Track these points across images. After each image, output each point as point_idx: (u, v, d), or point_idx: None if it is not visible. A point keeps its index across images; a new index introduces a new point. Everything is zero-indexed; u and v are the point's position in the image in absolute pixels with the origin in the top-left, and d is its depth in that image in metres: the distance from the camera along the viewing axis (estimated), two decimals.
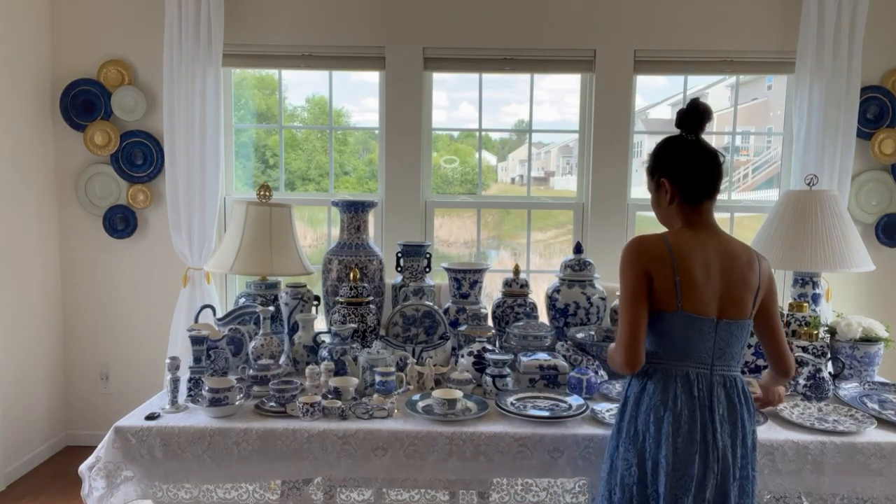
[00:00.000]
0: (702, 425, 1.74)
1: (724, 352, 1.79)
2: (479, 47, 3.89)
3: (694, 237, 1.82)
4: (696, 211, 1.85)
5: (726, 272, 1.79)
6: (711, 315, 1.77)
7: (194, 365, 2.26)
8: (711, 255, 1.79)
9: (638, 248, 1.81)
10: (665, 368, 1.79)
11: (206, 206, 3.82)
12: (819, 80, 3.70)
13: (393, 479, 2.05)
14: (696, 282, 1.76)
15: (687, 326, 1.76)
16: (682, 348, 1.78)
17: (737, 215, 4.07)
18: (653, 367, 1.82)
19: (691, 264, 1.77)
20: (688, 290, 1.75)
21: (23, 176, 3.74)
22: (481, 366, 2.41)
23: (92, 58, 3.90)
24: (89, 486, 2.00)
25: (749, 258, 1.83)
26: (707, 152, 1.84)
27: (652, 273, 1.77)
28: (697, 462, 1.72)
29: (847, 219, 2.84)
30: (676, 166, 1.84)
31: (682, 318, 1.76)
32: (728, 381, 1.80)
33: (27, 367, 3.80)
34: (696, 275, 1.76)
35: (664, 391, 1.77)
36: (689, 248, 1.79)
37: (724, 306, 1.78)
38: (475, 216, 4.14)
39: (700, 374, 1.77)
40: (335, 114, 4.21)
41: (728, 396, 1.78)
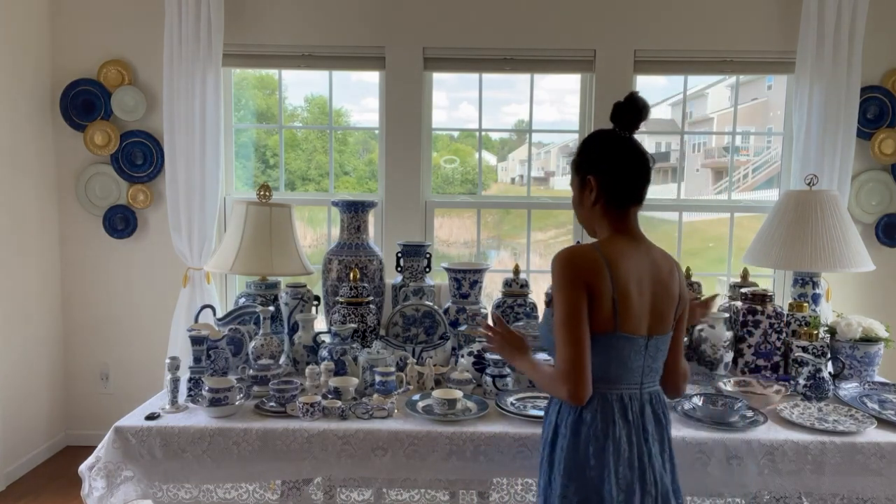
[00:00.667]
0: (638, 449, 1.65)
1: (652, 368, 1.71)
2: (479, 47, 3.89)
3: (625, 248, 1.67)
4: (623, 216, 1.70)
5: (654, 286, 1.67)
6: (644, 334, 1.66)
7: (194, 365, 2.27)
8: (642, 267, 1.66)
9: (576, 264, 1.62)
10: (601, 393, 1.64)
11: (206, 206, 3.82)
12: (819, 80, 3.69)
13: (393, 479, 2.05)
14: (632, 299, 1.62)
15: (622, 348, 1.63)
16: (616, 371, 1.65)
17: (737, 215, 4.07)
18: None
19: (627, 280, 1.62)
20: (624, 308, 1.61)
21: (23, 176, 3.73)
22: (481, 366, 2.41)
23: (92, 58, 3.90)
24: (89, 486, 2.00)
25: (670, 268, 1.72)
26: (640, 153, 1.70)
27: (591, 291, 1.60)
28: (638, 489, 1.63)
29: (847, 219, 2.84)
30: (606, 164, 1.69)
31: (619, 340, 1.62)
32: (654, 397, 1.72)
33: (27, 367, 3.80)
34: (631, 291, 1.62)
35: (604, 419, 1.63)
36: (623, 262, 1.63)
37: (653, 322, 1.67)
38: (475, 216, 4.14)
39: (632, 396, 1.67)
40: (335, 114, 4.21)
41: (655, 413, 1.71)
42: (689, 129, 4.48)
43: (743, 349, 2.58)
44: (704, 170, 5.69)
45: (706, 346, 2.56)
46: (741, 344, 2.58)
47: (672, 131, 4.61)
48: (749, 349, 2.57)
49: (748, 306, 2.57)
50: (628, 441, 1.64)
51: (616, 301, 1.60)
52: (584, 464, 1.62)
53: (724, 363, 2.55)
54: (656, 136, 5.33)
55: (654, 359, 1.71)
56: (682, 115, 4.13)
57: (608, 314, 1.60)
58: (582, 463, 1.63)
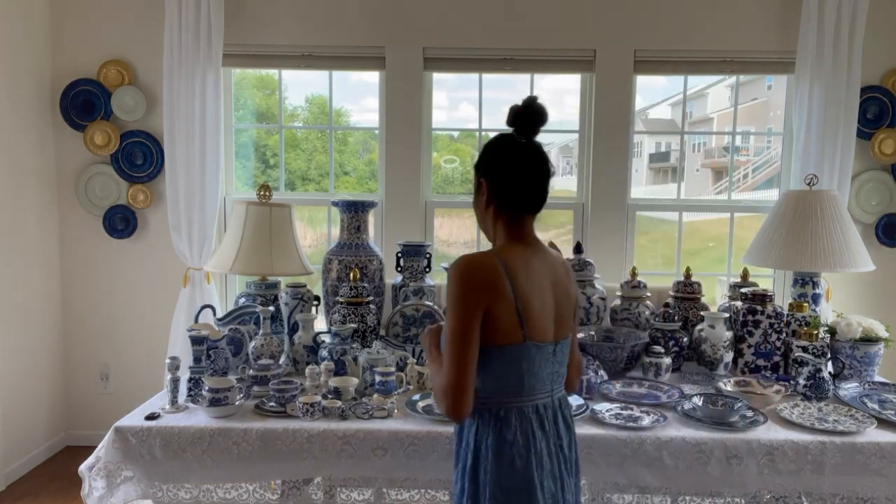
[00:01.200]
0: (557, 458, 1.63)
1: (559, 373, 1.68)
2: (479, 47, 3.89)
3: (523, 254, 1.62)
4: (518, 222, 1.66)
5: (555, 290, 1.65)
6: (551, 340, 1.63)
7: (194, 365, 2.27)
8: (542, 273, 1.63)
9: (475, 275, 1.55)
10: (518, 408, 1.60)
11: (206, 206, 3.82)
12: (819, 80, 3.69)
13: (393, 479, 2.05)
14: (535, 306, 1.58)
15: (533, 356, 1.59)
16: (530, 382, 1.60)
17: (737, 215, 4.07)
18: (504, 407, 1.60)
19: (528, 288, 1.58)
20: (530, 317, 1.57)
21: (23, 176, 3.73)
22: None
23: (92, 58, 3.90)
24: (89, 486, 2.00)
25: (566, 270, 1.72)
26: (536, 160, 1.63)
27: (491, 304, 1.53)
28: (560, 499, 1.62)
29: (847, 219, 2.84)
30: (499, 170, 1.63)
31: (530, 350, 1.58)
32: (562, 401, 1.71)
33: (27, 367, 3.80)
34: (533, 299, 1.58)
35: (524, 435, 1.58)
36: (524, 268, 1.59)
37: (557, 327, 1.65)
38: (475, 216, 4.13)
39: (546, 405, 1.64)
40: (335, 114, 4.21)
41: (564, 418, 1.69)
42: (689, 129, 4.48)
43: (743, 349, 2.58)
44: (704, 170, 5.69)
45: (706, 346, 2.56)
46: (741, 344, 2.58)
47: (672, 131, 4.61)
48: (749, 349, 2.57)
49: (748, 306, 2.57)
50: (548, 452, 1.61)
51: (520, 310, 1.55)
52: (511, 484, 1.56)
53: (724, 363, 2.56)
54: (656, 136, 5.34)
55: (561, 364, 1.69)
56: (682, 115, 4.13)
57: (514, 324, 1.55)
58: (509, 484, 1.56)
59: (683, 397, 2.28)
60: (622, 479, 2.03)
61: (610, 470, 2.02)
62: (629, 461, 2.01)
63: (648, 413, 2.16)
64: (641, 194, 4.51)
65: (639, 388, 2.40)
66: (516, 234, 1.65)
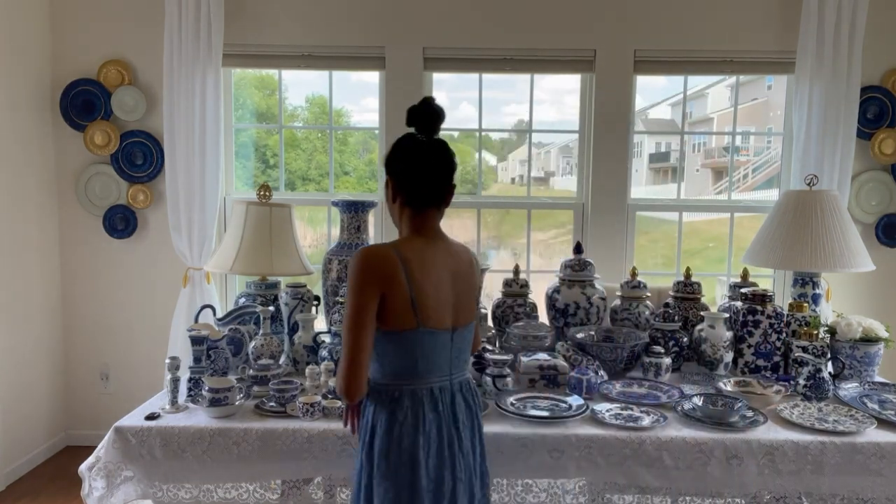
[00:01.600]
0: (448, 439, 1.71)
1: (459, 358, 1.78)
2: (479, 47, 3.89)
3: (424, 247, 1.73)
4: (421, 217, 1.76)
5: (456, 281, 1.75)
6: (448, 326, 1.73)
7: (194, 365, 2.27)
8: (441, 264, 1.73)
9: (371, 267, 1.65)
10: (412, 390, 1.70)
11: (206, 206, 3.82)
12: (819, 80, 3.69)
13: None
14: (431, 295, 1.68)
15: (427, 343, 1.69)
16: (425, 366, 1.70)
17: (737, 215, 4.07)
18: (398, 390, 1.71)
19: (424, 277, 1.68)
20: (424, 305, 1.67)
21: (23, 176, 3.73)
22: (481, 366, 2.41)
23: (92, 58, 3.90)
24: (89, 486, 2.00)
25: (469, 259, 1.82)
26: (432, 157, 1.73)
27: (386, 293, 1.65)
28: (448, 476, 1.69)
29: (847, 219, 2.84)
30: (400, 167, 1.75)
31: (423, 336, 1.68)
32: (464, 385, 1.81)
33: (27, 366, 3.80)
34: (429, 288, 1.68)
35: (414, 415, 1.68)
36: (420, 260, 1.69)
37: (457, 315, 1.75)
38: (475, 216, 4.14)
39: (443, 388, 1.73)
40: (335, 114, 4.21)
41: (465, 400, 1.79)
42: (689, 129, 4.48)
43: (743, 349, 2.58)
44: (704, 170, 5.70)
45: (706, 346, 2.56)
46: (741, 344, 2.58)
47: (672, 131, 4.61)
48: (749, 349, 2.57)
49: (748, 306, 2.57)
50: (438, 433, 1.70)
51: (414, 299, 1.65)
52: (397, 461, 1.67)
53: (724, 363, 2.56)
54: (656, 136, 5.34)
55: (462, 349, 1.79)
56: (682, 115, 4.13)
57: (408, 312, 1.65)
58: (395, 460, 1.67)
59: (683, 397, 2.28)
60: (622, 480, 2.03)
61: (610, 470, 2.02)
62: (629, 461, 2.01)
63: (648, 413, 2.16)
64: (641, 194, 4.51)
65: (639, 388, 2.40)
66: (419, 227, 1.76)
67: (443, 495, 1.68)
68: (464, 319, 1.76)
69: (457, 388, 1.77)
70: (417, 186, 1.74)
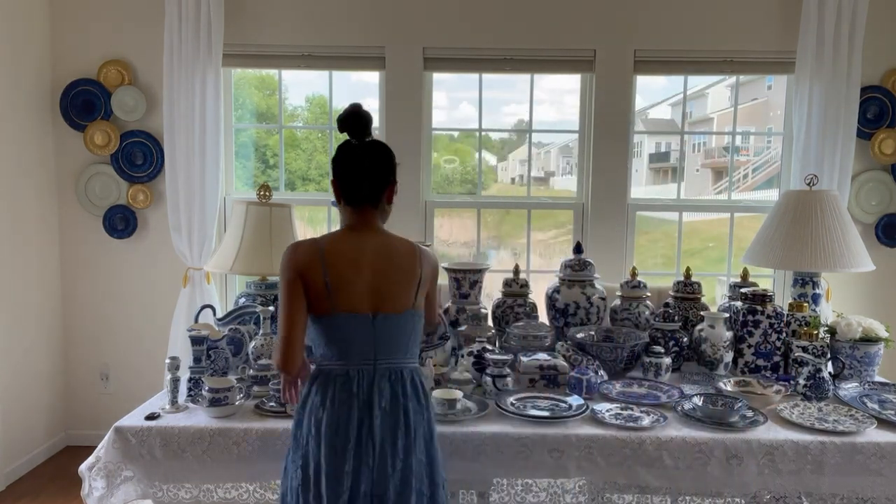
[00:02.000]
0: (359, 421, 1.78)
1: (388, 345, 1.83)
2: (479, 47, 3.89)
3: (350, 239, 1.87)
4: (357, 213, 1.89)
5: (382, 268, 1.84)
6: (366, 311, 1.81)
7: (194, 365, 2.27)
8: (367, 254, 1.84)
9: (290, 255, 1.84)
10: (327, 370, 1.83)
11: (206, 206, 3.82)
12: (819, 80, 3.69)
13: None
14: (347, 281, 1.80)
15: (342, 325, 1.80)
16: (342, 348, 1.81)
17: (737, 215, 4.07)
18: (318, 370, 1.86)
19: (342, 265, 1.81)
20: (338, 290, 1.79)
21: (23, 176, 3.73)
22: (481, 366, 2.41)
23: (92, 58, 3.90)
24: (89, 486, 2.00)
25: (409, 252, 1.89)
26: (362, 159, 1.86)
27: (304, 278, 1.80)
28: (352, 458, 1.76)
29: (847, 219, 2.84)
30: (336, 170, 1.89)
31: (338, 319, 1.80)
32: (395, 373, 1.83)
33: (27, 367, 3.80)
34: (346, 275, 1.80)
35: (323, 394, 1.80)
36: (341, 250, 1.83)
37: (381, 301, 1.82)
38: (475, 216, 4.14)
39: (362, 371, 1.81)
40: (335, 114, 4.20)
41: (392, 388, 1.82)
42: (689, 129, 4.48)
43: (743, 349, 2.58)
44: (704, 170, 5.69)
45: (706, 346, 2.56)
46: (741, 344, 2.58)
47: (672, 131, 4.61)
48: (749, 349, 2.57)
49: (748, 306, 2.57)
50: (347, 415, 1.77)
51: (329, 285, 1.79)
52: (305, 434, 1.80)
53: (724, 363, 2.56)
54: (656, 136, 5.34)
55: (393, 337, 1.83)
56: (682, 115, 4.13)
57: (324, 297, 1.79)
58: (304, 434, 1.80)
59: (683, 397, 2.28)
60: (622, 479, 2.03)
61: (610, 470, 2.02)
62: (629, 461, 2.01)
63: (648, 413, 2.16)
64: (641, 194, 4.51)
65: (639, 388, 2.40)
66: (354, 222, 1.90)
67: (344, 474, 1.75)
68: (390, 307, 1.83)
69: (383, 374, 1.82)
70: (349, 186, 1.87)
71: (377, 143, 1.91)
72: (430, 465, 1.84)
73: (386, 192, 1.91)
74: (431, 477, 1.84)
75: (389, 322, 1.83)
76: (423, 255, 1.92)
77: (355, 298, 1.81)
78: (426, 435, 1.85)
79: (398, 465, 1.78)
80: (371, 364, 1.82)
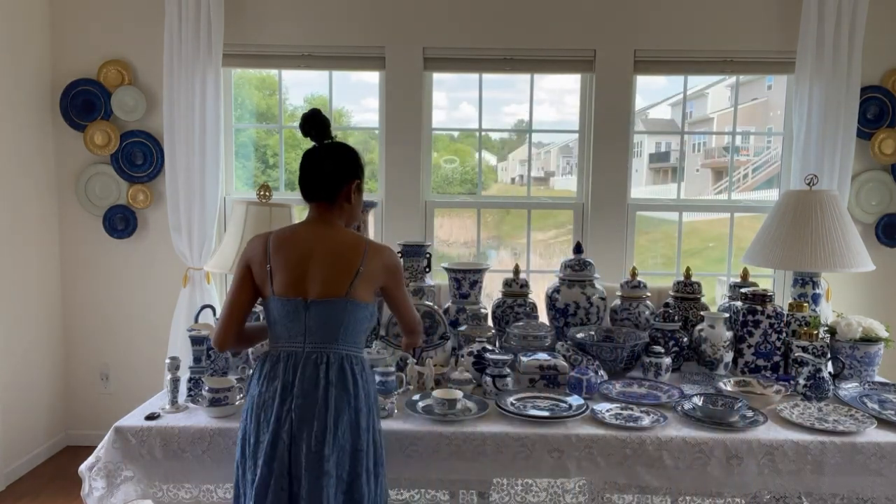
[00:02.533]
0: (280, 399, 1.85)
1: (319, 331, 1.88)
2: (479, 47, 3.89)
3: (300, 230, 1.97)
4: (315, 209, 1.99)
5: (321, 257, 1.90)
6: (300, 296, 1.89)
7: (194, 365, 2.27)
8: (310, 244, 1.92)
9: (247, 248, 1.99)
10: (268, 351, 1.96)
11: (206, 206, 3.82)
12: (819, 80, 3.69)
13: (393, 479, 2.05)
14: (286, 267, 1.91)
15: (280, 309, 1.90)
16: (280, 330, 1.92)
17: (737, 215, 4.07)
18: (265, 350, 2.00)
19: (284, 253, 1.92)
20: (277, 276, 1.91)
21: (23, 176, 3.73)
22: (481, 366, 2.41)
23: (92, 58, 3.90)
24: (89, 486, 2.01)
25: (353, 245, 1.93)
26: (309, 160, 1.96)
27: (252, 266, 1.95)
28: (270, 431, 1.83)
29: (847, 219, 2.83)
30: (300, 170, 2.00)
31: (277, 302, 1.90)
32: (321, 358, 1.88)
33: (27, 367, 3.80)
34: (286, 262, 1.91)
35: (260, 371, 1.92)
36: (287, 239, 1.94)
37: (313, 288, 1.89)
38: (475, 216, 4.14)
39: (291, 354, 1.89)
40: (335, 114, 4.21)
41: (316, 373, 1.86)
42: (689, 129, 4.48)
43: (743, 349, 2.58)
44: (704, 170, 5.69)
45: (706, 346, 2.56)
46: (741, 344, 2.58)
47: (672, 131, 4.61)
48: (749, 349, 2.57)
49: (748, 306, 2.57)
50: (273, 392, 1.87)
51: (271, 270, 1.92)
52: (245, 410, 1.93)
53: (724, 363, 2.56)
54: (656, 136, 5.34)
55: (322, 322, 1.88)
56: (682, 115, 4.13)
57: (266, 282, 1.92)
58: (246, 408, 1.92)
59: (683, 397, 2.28)
60: (622, 479, 2.03)
61: (610, 470, 2.02)
62: (629, 461, 2.02)
63: (648, 413, 2.16)
64: (641, 194, 4.51)
65: (639, 388, 2.40)
66: (309, 217, 2.00)
67: (260, 445, 1.85)
68: (322, 294, 1.88)
69: (312, 358, 1.87)
70: (302, 184, 1.98)
71: (335, 145, 2.00)
72: (353, 455, 1.85)
73: (343, 191, 1.97)
74: (353, 466, 1.85)
75: (319, 308, 1.88)
76: (372, 251, 1.94)
77: (291, 284, 1.89)
78: (352, 423, 1.86)
79: (313, 447, 1.81)
80: (300, 347, 1.89)
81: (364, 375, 1.93)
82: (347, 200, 1.98)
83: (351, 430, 1.86)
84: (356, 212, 2.04)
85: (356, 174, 1.99)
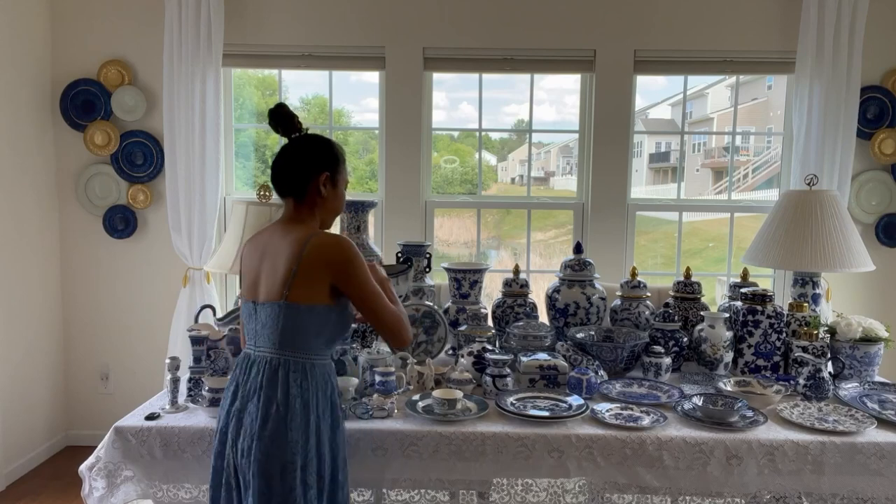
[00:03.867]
0: (231, 400, 1.88)
1: (262, 334, 1.88)
2: (479, 47, 3.89)
3: (270, 230, 1.96)
4: (285, 206, 1.96)
5: (270, 259, 1.88)
6: (251, 299, 1.91)
7: (194, 365, 2.27)
8: (265, 245, 1.91)
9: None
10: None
11: (206, 206, 3.82)
12: (819, 80, 3.69)
13: (393, 479, 2.05)
14: (249, 270, 1.94)
15: (242, 311, 1.96)
16: (245, 331, 1.96)
17: (737, 215, 4.07)
18: None
19: (250, 255, 1.95)
20: (244, 279, 1.95)
21: (23, 176, 3.73)
22: (481, 366, 2.41)
23: (92, 58, 3.90)
24: (89, 486, 2.00)
25: (294, 242, 1.83)
26: (279, 155, 1.93)
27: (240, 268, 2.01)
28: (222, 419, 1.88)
29: (847, 219, 2.83)
30: None
31: (242, 304, 1.96)
32: (263, 362, 1.85)
33: (27, 367, 3.80)
34: (250, 265, 1.94)
35: (232, 372, 1.94)
36: (256, 241, 1.96)
37: (262, 290, 1.88)
38: (475, 216, 4.14)
39: (247, 355, 1.91)
40: (335, 114, 4.21)
41: (257, 375, 1.84)
42: (689, 129, 4.48)
43: (743, 349, 2.58)
44: (704, 170, 5.70)
45: (706, 346, 2.56)
46: (741, 344, 2.58)
47: (672, 131, 4.61)
48: (749, 349, 2.57)
49: (748, 306, 2.57)
50: (232, 390, 1.90)
51: (241, 273, 1.98)
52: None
53: (724, 363, 2.55)
54: (656, 136, 5.34)
55: (264, 325, 1.86)
56: (682, 115, 4.13)
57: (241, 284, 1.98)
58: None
59: (683, 397, 2.28)
60: (622, 479, 2.03)
61: (610, 470, 2.02)
62: (629, 461, 2.01)
63: (648, 413, 2.16)
64: (641, 194, 4.51)
65: (639, 388, 2.40)
66: (284, 214, 1.97)
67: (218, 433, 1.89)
68: (262, 297, 1.87)
69: (260, 361, 1.86)
70: (272, 181, 1.95)
71: (301, 139, 1.94)
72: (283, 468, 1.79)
73: (311, 186, 1.90)
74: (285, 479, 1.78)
75: (264, 312, 1.87)
76: (312, 247, 1.81)
77: (248, 286, 1.93)
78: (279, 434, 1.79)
79: (247, 444, 1.81)
80: (252, 349, 1.90)
81: (305, 384, 1.82)
82: (319, 194, 1.90)
83: (276, 441, 1.77)
84: (334, 204, 1.95)
85: (325, 166, 1.90)
